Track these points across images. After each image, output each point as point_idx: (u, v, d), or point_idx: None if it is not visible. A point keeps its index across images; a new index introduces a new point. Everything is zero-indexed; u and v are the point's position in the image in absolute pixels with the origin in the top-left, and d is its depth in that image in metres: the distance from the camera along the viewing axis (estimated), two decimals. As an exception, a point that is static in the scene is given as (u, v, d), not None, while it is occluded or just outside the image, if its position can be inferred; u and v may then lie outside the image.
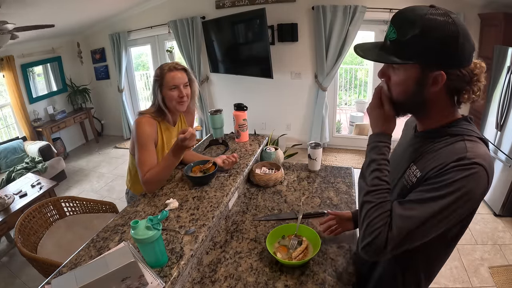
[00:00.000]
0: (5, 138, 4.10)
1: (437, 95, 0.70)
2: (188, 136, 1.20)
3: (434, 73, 0.67)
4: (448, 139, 0.71)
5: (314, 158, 1.70)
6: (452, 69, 0.67)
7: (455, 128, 0.72)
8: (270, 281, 1.02)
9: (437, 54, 0.65)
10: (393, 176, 0.85)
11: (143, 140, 1.34)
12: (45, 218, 1.98)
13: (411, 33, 0.65)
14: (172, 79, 1.37)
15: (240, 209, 1.43)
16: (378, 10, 3.38)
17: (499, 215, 2.67)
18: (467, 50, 0.66)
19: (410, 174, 0.76)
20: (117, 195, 3.54)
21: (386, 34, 0.72)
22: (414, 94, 0.71)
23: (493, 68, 2.79)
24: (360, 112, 5.21)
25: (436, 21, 0.63)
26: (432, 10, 0.65)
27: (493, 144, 2.74)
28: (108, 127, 5.63)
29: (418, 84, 0.69)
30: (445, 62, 0.66)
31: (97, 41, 4.94)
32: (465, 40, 0.65)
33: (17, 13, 2.83)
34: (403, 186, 0.78)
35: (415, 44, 0.65)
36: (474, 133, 0.70)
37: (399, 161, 0.86)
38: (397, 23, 0.69)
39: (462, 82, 0.68)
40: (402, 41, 0.67)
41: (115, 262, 0.77)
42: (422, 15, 0.64)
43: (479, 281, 2.03)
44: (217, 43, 4.04)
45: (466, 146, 0.66)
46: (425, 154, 0.74)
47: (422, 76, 0.68)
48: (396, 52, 0.69)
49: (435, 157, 0.70)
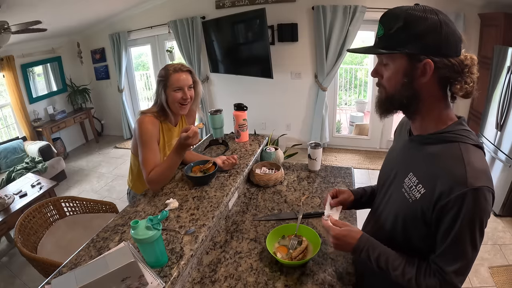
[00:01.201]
0: (5, 138, 4.10)
1: (428, 87, 0.72)
2: (191, 134, 1.21)
3: (422, 62, 0.69)
4: (444, 145, 0.73)
5: (314, 158, 1.70)
6: (438, 57, 0.68)
7: (449, 133, 0.73)
8: (270, 281, 1.02)
9: (421, 43, 0.68)
10: (386, 179, 0.89)
11: (146, 139, 1.34)
12: (45, 218, 1.98)
13: (396, 26, 0.69)
14: (177, 81, 1.38)
15: (240, 209, 1.43)
16: (378, 10, 3.38)
17: (499, 215, 2.67)
18: (452, 40, 0.68)
19: (412, 186, 0.77)
20: (117, 195, 3.54)
21: (376, 34, 0.76)
22: (404, 86, 0.73)
23: (493, 68, 2.79)
24: (360, 112, 5.21)
25: (418, 14, 0.68)
26: (416, 6, 0.69)
27: (493, 144, 2.74)
28: (108, 127, 5.63)
29: (407, 76, 0.71)
30: (430, 50, 0.68)
31: (97, 41, 4.94)
32: (448, 30, 0.67)
33: (17, 13, 2.83)
34: (404, 199, 0.79)
35: (400, 35, 0.69)
36: (469, 139, 0.72)
37: (392, 166, 0.88)
38: (384, 20, 0.73)
39: (452, 72, 0.69)
40: (388, 34, 0.71)
41: (115, 262, 0.77)
42: (405, 10, 0.69)
43: (479, 281, 2.03)
44: (217, 43, 4.05)
45: (463, 158, 0.68)
46: (423, 160, 0.76)
47: (411, 67, 0.70)
48: (384, 45, 0.72)
49: (434, 168, 0.72)
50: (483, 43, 3.19)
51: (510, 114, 2.49)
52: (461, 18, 3.15)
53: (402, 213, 0.79)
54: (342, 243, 0.87)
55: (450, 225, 0.68)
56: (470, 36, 3.28)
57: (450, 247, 0.70)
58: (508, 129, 2.52)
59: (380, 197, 0.94)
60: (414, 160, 0.79)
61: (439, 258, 0.73)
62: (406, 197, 0.78)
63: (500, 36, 2.82)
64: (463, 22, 3.17)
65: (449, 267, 0.70)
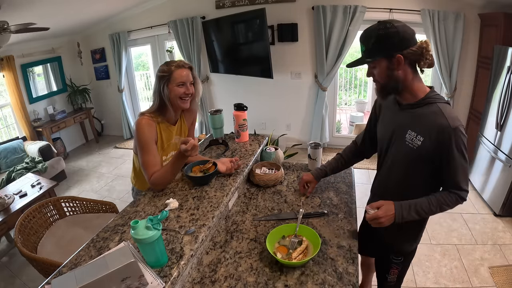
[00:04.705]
0: (5, 138, 4.10)
1: (404, 71, 1.05)
2: (190, 147, 1.23)
3: (395, 58, 1.01)
4: (427, 106, 1.06)
5: (314, 158, 1.70)
6: (404, 50, 1.01)
7: (429, 98, 1.07)
8: (270, 281, 1.02)
9: (390, 46, 1.02)
10: (389, 138, 1.20)
11: (144, 142, 1.35)
12: (45, 218, 1.98)
13: (371, 42, 1.04)
14: (180, 76, 1.39)
15: (240, 209, 1.43)
16: (378, 10, 3.38)
17: (499, 215, 2.67)
18: (408, 36, 1.01)
19: (412, 138, 1.09)
20: (117, 195, 3.54)
21: (361, 50, 1.09)
22: (390, 76, 1.06)
23: (493, 68, 2.79)
24: (360, 112, 5.21)
25: (382, 30, 1.01)
26: (380, 25, 1.02)
27: (493, 144, 2.74)
28: (108, 127, 5.63)
29: (390, 69, 1.05)
30: (397, 48, 1.01)
31: (97, 41, 4.94)
32: (404, 32, 1.00)
33: (17, 13, 2.83)
34: (409, 147, 1.10)
35: (376, 47, 1.04)
36: (442, 100, 1.07)
37: (391, 128, 1.19)
38: (362, 40, 1.08)
39: (415, 56, 1.02)
40: (368, 48, 1.06)
41: (115, 262, 0.77)
42: (374, 30, 1.03)
43: (479, 281, 2.03)
44: (217, 43, 4.04)
45: (442, 112, 1.02)
46: (415, 120, 1.08)
47: (389, 63, 1.04)
48: (368, 56, 1.07)
49: (426, 122, 1.05)
50: (483, 43, 3.19)
51: (510, 114, 2.49)
52: (461, 18, 3.15)
53: (410, 157, 1.11)
54: (386, 218, 1.10)
55: (449, 154, 1.02)
56: (470, 36, 3.28)
57: (452, 170, 1.05)
58: (508, 129, 2.52)
59: (384, 155, 1.26)
60: (408, 120, 1.11)
61: (449, 183, 1.09)
62: (410, 146, 1.10)
63: (500, 36, 2.81)
64: (463, 22, 3.16)
65: (457, 185, 1.07)
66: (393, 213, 1.10)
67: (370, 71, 1.11)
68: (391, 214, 1.09)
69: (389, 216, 1.09)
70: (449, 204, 1.10)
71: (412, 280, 2.07)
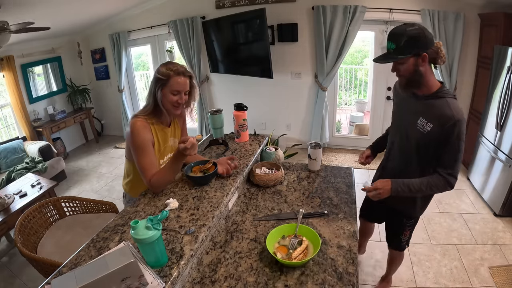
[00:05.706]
0: (5, 138, 4.10)
1: (425, 68, 1.23)
2: (189, 146, 1.21)
3: (421, 56, 1.20)
4: (439, 99, 1.26)
5: (314, 158, 1.70)
6: (428, 49, 1.20)
7: (441, 92, 1.26)
8: (270, 281, 1.02)
9: (418, 46, 1.18)
10: (402, 121, 1.42)
11: (140, 144, 1.31)
12: (45, 218, 1.98)
13: (403, 40, 1.18)
14: (177, 84, 1.34)
15: (240, 209, 1.43)
16: (378, 10, 3.38)
17: (499, 215, 2.66)
18: (429, 37, 1.19)
19: (423, 124, 1.29)
20: (117, 195, 3.54)
21: (387, 47, 1.24)
22: (416, 72, 1.24)
23: (493, 68, 2.79)
24: (360, 112, 5.21)
25: (412, 30, 1.18)
26: (408, 26, 1.18)
27: (493, 144, 2.74)
28: (108, 127, 5.63)
29: (416, 65, 1.22)
30: (423, 47, 1.19)
31: (97, 41, 4.94)
32: (427, 33, 1.19)
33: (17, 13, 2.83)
34: (420, 133, 1.30)
35: (407, 46, 1.19)
36: (450, 95, 1.26)
37: (402, 114, 1.43)
38: (392, 38, 1.22)
39: (434, 54, 1.22)
40: (399, 46, 1.20)
41: (115, 262, 0.77)
42: (404, 30, 1.18)
43: (479, 281, 2.03)
44: (217, 43, 4.04)
45: (449, 104, 1.22)
46: (427, 109, 1.28)
47: (416, 60, 1.21)
48: (398, 53, 1.21)
49: (436, 112, 1.24)
50: (483, 43, 3.19)
51: (510, 114, 2.49)
52: (461, 18, 3.15)
53: (420, 140, 1.32)
54: (384, 190, 1.33)
55: (448, 140, 1.23)
56: (470, 36, 3.28)
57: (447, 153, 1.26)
58: (508, 129, 2.52)
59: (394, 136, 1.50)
60: (422, 109, 1.30)
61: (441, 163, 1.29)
62: (421, 130, 1.30)
63: (500, 36, 2.81)
64: (463, 22, 3.16)
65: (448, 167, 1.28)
66: (390, 187, 1.32)
67: (396, 67, 1.26)
68: (388, 188, 1.32)
69: (386, 189, 1.33)
70: (438, 187, 1.29)
71: (412, 280, 2.07)
